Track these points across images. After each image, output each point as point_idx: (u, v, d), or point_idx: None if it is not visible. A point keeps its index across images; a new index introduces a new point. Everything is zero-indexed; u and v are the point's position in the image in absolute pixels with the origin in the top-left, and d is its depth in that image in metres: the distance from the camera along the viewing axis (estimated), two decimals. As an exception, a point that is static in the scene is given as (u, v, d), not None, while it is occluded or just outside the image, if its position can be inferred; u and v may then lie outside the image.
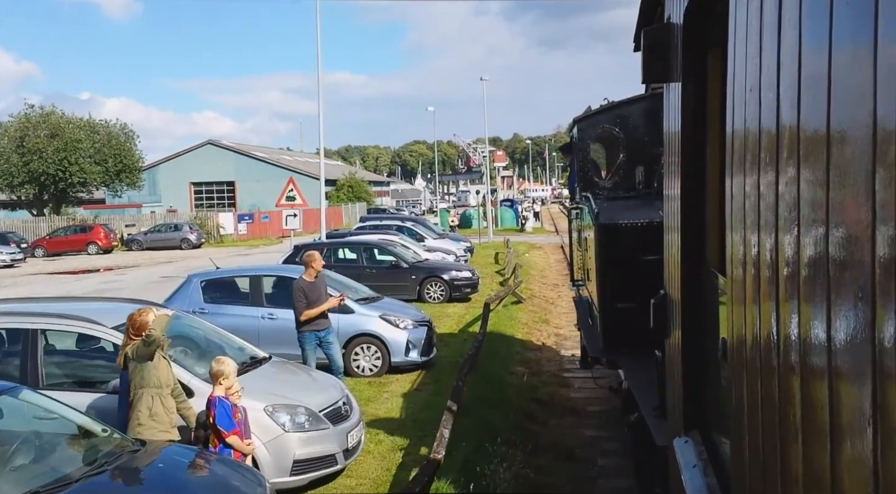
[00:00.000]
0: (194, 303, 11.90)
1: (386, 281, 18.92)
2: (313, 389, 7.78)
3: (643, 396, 5.91)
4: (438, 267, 20.26)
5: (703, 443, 3.53)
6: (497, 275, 26.10)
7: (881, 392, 1.21)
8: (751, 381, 2.24)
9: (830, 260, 1.47)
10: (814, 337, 1.59)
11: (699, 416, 3.67)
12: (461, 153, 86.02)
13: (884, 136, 1.20)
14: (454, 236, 32.99)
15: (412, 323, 12.07)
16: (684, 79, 3.70)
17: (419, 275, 19.49)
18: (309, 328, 9.83)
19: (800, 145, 1.69)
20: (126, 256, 41.05)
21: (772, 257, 1.96)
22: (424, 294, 19.42)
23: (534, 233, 47.96)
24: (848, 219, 1.39)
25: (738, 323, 2.45)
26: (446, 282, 19.46)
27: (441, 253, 24.14)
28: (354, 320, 11.80)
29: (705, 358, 3.54)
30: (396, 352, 11.77)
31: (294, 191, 21.57)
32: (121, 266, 35.63)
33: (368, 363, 11.82)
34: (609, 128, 8.86)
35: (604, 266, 7.51)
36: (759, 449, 2.16)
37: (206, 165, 68.91)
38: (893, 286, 1.15)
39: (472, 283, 19.96)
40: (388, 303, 12.82)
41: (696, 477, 3.28)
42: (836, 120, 1.45)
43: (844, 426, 1.40)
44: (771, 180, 1.96)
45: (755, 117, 2.15)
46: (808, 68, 1.65)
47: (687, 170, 3.69)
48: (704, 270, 3.57)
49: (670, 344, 4.36)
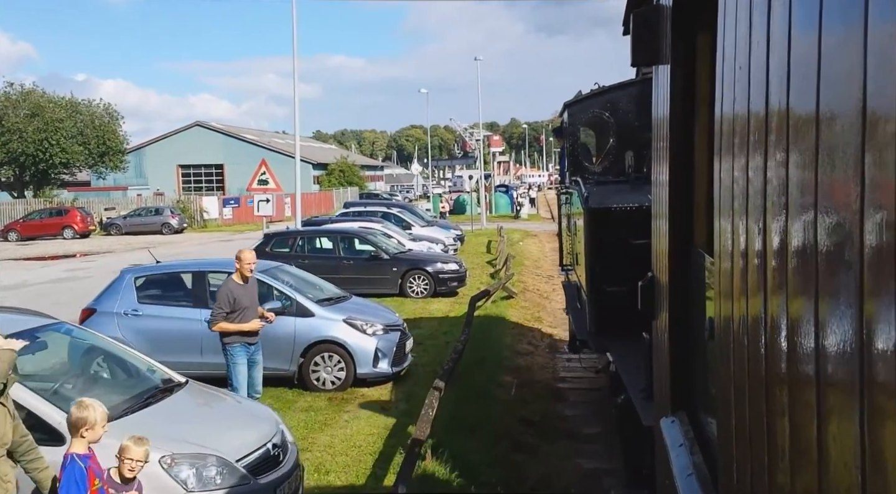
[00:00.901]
0: (127, 304, 10.21)
1: (364, 273, 17.29)
2: (235, 427, 6.05)
3: (630, 378, 5.97)
4: (422, 258, 18.57)
5: (689, 423, 3.56)
6: (488, 266, 24.43)
7: (867, 369, 1.20)
8: (737, 360, 2.26)
9: (818, 241, 1.47)
10: (800, 316, 1.60)
11: (686, 396, 3.71)
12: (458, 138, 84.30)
13: (872, 118, 1.19)
14: (444, 223, 31.13)
15: (382, 328, 10.38)
16: (673, 61, 3.70)
17: (401, 268, 17.81)
18: (238, 339, 8.03)
19: (789, 127, 1.69)
20: (103, 241, 39.43)
21: (759, 237, 1.96)
22: (407, 288, 17.75)
23: (529, 220, 46.20)
24: (835, 200, 1.38)
25: (725, 303, 2.47)
26: (430, 275, 17.78)
27: (427, 243, 22.38)
28: (314, 324, 10.11)
29: (692, 339, 3.58)
30: (363, 362, 10.08)
31: (267, 173, 19.79)
32: (94, 251, 34.02)
33: (330, 375, 10.15)
34: (599, 112, 8.91)
35: (593, 249, 7.53)
36: (745, 428, 2.15)
37: (194, 147, 67.67)
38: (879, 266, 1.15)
39: (458, 276, 18.28)
40: (356, 304, 11.11)
41: (683, 456, 3.33)
42: (825, 102, 1.45)
43: (830, 403, 1.40)
44: (759, 161, 1.97)
45: (744, 98, 2.15)
46: (797, 50, 1.65)
47: (675, 151, 3.69)
48: (692, 251, 3.59)
49: (657, 326, 4.39)
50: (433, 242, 23.53)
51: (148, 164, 67.43)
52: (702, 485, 3.02)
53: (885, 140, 1.15)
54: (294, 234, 18.68)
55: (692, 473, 3.17)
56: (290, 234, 18.78)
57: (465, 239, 29.87)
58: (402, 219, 26.61)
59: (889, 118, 1.14)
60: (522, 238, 33.80)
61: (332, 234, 18.59)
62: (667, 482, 3.62)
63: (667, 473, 3.62)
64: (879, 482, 1.17)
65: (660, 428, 4.02)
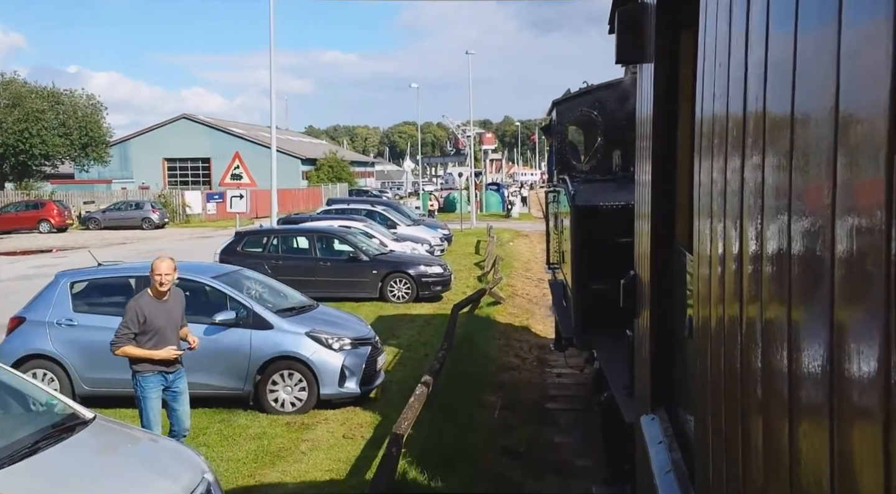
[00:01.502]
0: (60, 313, 9.01)
1: (342, 276, 16.17)
2: (144, 479, 4.84)
3: (614, 376, 6.01)
4: (404, 260, 17.41)
5: (669, 420, 3.59)
6: (476, 268, 23.27)
7: (839, 368, 1.23)
8: (714, 358, 2.29)
9: (792, 240, 1.50)
10: (775, 315, 1.63)
11: (666, 394, 3.73)
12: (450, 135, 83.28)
13: (844, 119, 1.21)
14: (431, 222, 29.82)
15: (350, 342, 9.21)
16: (657, 59, 3.73)
17: (381, 270, 16.66)
18: (150, 367, 6.60)
19: (766, 126, 1.71)
20: (79, 236, 38.05)
21: (736, 236, 1.99)
22: (387, 292, 16.60)
23: (520, 220, 45.03)
24: (809, 200, 1.41)
25: (703, 301, 2.50)
26: (413, 279, 16.64)
27: (412, 243, 21.17)
28: (273, 338, 8.93)
29: (672, 336, 3.61)
30: (327, 382, 8.92)
31: (241, 168, 18.56)
32: (69, 247, 32.67)
33: (290, 395, 8.97)
34: (588, 111, 8.94)
35: (579, 247, 7.59)
36: (721, 424, 2.19)
37: (180, 140, 66.70)
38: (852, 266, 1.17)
39: (443, 280, 17.14)
40: (322, 315, 9.93)
41: (662, 453, 3.35)
42: (799, 102, 1.47)
43: (803, 401, 1.43)
44: (737, 160, 1.99)
45: (723, 97, 2.19)
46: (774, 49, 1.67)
47: (658, 149, 3.71)
48: (674, 249, 3.62)
49: (639, 324, 4.44)
50: (418, 243, 22.34)
51: (133, 157, 66.62)
52: (680, 482, 3.04)
53: (856, 141, 1.17)
54: (267, 233, 17.47)
55: (671, 470, 3.19)
56: (263, 233, 17.58)
57: (452, 239, 28.70)
58: (387, 217, 25.41)
59: (861, 119, 1.15)
60: (512, 238, 32.68)
61: (309, 234, 17.41)
62: (646, 479, 3.63)
63: (646, 470, 3.63)
64: (849, 478, 1.19)
65: (640, 425, 4.04)
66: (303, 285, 16.43)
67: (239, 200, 18.55)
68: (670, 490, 3.05)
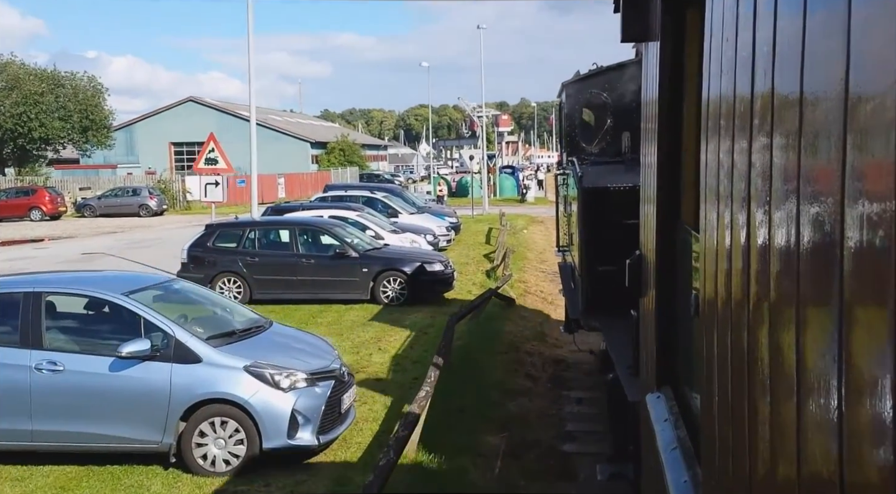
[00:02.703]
0: None
1: (328, 274, 14.08)
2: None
3: (619, 355, 6.06)
4: (399, 256, 15.22)
5: (674, 398, 3.60)
6: (485, 261, 20.98)
7: (846, 346, 1.23)
8: (721, 336, 2.30)
9: (800, 220, 1.49)
10: (782, 294, 1.63)
11: (671, 372, 3.75)
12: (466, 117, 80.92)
13: (854, 98, 1.21)
14: (438, 209, 27.37)
15: (305, 378, 7.02)
16: (662, 38, 3.71)
17: (373, 268, 14.51)
18: None
19: (773, 105, 1.71)
20: (72, 224, 36.48)
21: (744, 215, 1.98)
22: (379, 292, 14.46)
23: (535, 204, 42.50)
24: (817, 179, 1.40)
25: (710, 280, 2.50)
26: (408, 277, 14.42)
27: (412, 235, 18.87)
28: (201, 374, 6.80)
29: (678, 315, 3.62)
30: (272, 432, 6.78)
31: (216, 151, 16.37)
32: (56, 236, 30.95)
33: (223, 450, 6.79)
34: (597, 93, 9.00)
35: (586, 229, 7.65)
36: (727, 402, 2.20)
37: (186, 124, 65.42)
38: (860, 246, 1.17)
39: (444, 278, 14.92)
40: (273, 340, 7.75)
41: (668, 431, 3.36)
42: (808, 81, 1.46)
43: (810, 378, 1.43)
44: (744, 139, 1.98)
45: (730, 74, 2.18)
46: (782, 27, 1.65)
47: (664, 129, 3.70)
48: (679, 227, 3.61)
49: (644, 303, 4.48)
50: (421, 233, 20.03)
51: (139, 142, 65.65)
52: (685, 459, 3.05)
53: (866, 120, 1.17)
54: (243, 226, 15.29)
55: (676, 447, 3.19)
56: (239, 226, 15.40)
57: (461, 227, 26.37)
58: (389, 205, 23.08)
59: (871, 98, 1.15)
60: (527, 225, 30.35)
61: (290, 226, 15.23)
62: (652, 456, 3.66)
63: (652, 448, 3.66)
64: (855, 456, 1.20)
65: (645, 404, 4.05)
66: (283, 285, 14.41)
67: (214, 188, 16.39)
68: (676, 467, 3.06)
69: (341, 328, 12.83)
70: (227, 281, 14.55)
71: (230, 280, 14.55)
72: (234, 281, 14.55)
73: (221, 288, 14.51)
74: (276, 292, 14.56)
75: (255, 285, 14.51)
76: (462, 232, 26.76)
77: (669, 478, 3.06)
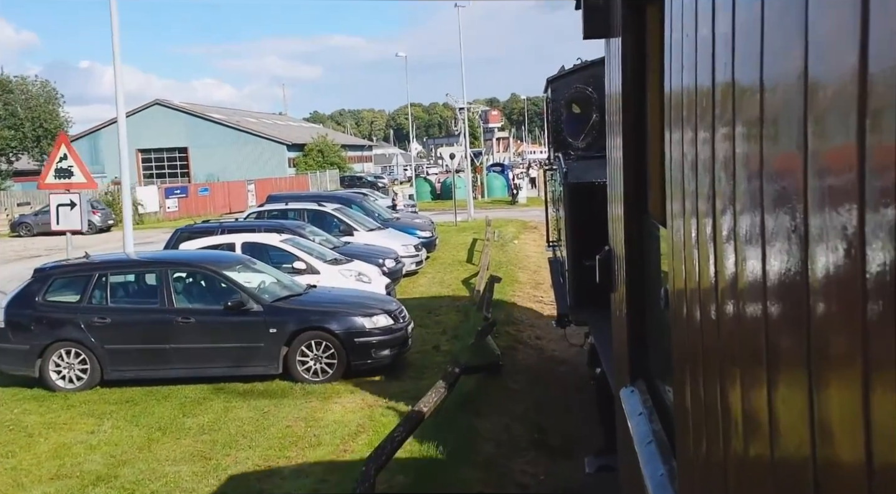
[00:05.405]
0: None
1: (218, 339, 9.46)
2: None
3: (605, 350, 6.09)
4: (324, 307, 10.36)
5: (647, 392, 3.61)
6: (464, 289, 16.12)
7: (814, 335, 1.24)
8: (691, 329, 2.29)
9: (763, 210, 1.50)
10: (748, 284, 1.64)
11: (644, 366, 3.76)
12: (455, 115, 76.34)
13: (812, 86, 1.21)
14: (408, 222, 22.04)
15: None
16: (624, 33, 3.75)
17: (285, 327, 9.79)
18: None
19: (734, 96, 1.71)
20: (3, 245, 31.65)
21: (709, 206, 1.99)
22: (295, 364, 9.65)
23: (528, 206, 37.26)
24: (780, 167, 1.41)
25: (677, 273, 2.52)
26: (338, 339, 9.58)
27: (360, 264, 13.80)
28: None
29: (648, 309, 3.65)
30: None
31: (70, 158, 11.50)
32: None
33: None
34: (582, 88, 9.00)
35: (572, 224, 7.75)
36: (700, 394, 2.20)
37: (154, 129, 61.74)
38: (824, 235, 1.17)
39: (393, 339, 10.04)
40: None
41: (642, 425, 3.36)
42: (768, 71, 1.47)
43: (781, 367, 1.44)
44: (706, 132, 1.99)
45: (691, 68, 2.19)
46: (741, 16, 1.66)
47: (628, 124, 3.75)
48: (646, 222, 3.63)
49: (615, 298, 4.56)
50: (377, 258, 14.98)
51: (104, 149, 61.45)
52: (661, 453, 3.04)
53: (826, 107, 1.17)
54: (90, 269, 10.31)
55: (651, 441, 3.18)
56: (84, 269, 10.39)
57: (436, 242, 21.34)
58: (343, 220, 18.05)
59: (830, 85, 1.15)
60: (518, 233, 25.46)
61: (160, 267, 10.30)
62: (628, 450, 3.67)
63: (627, 442, 3.69)
64: (827, 445, 1.20)
65: (619, 398, 4.05)
66: (150, 358, 9.69)
67: (69, 211, 11.53)
68: (652, 460, 3.05)
69: (214, 440, 8.01)
70: (65, 355, 9.78)
71: (69, 352, 9.78)
72: (74, 353, 9.78)
73: (58, 366, 9.74)
74: (140, 368, 9.82)
75: (108, 359, 9.74)
76: (439, 247, 21.78)
77: (646, 472, 3.02)
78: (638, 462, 3.16)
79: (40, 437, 8.26)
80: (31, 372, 9.87)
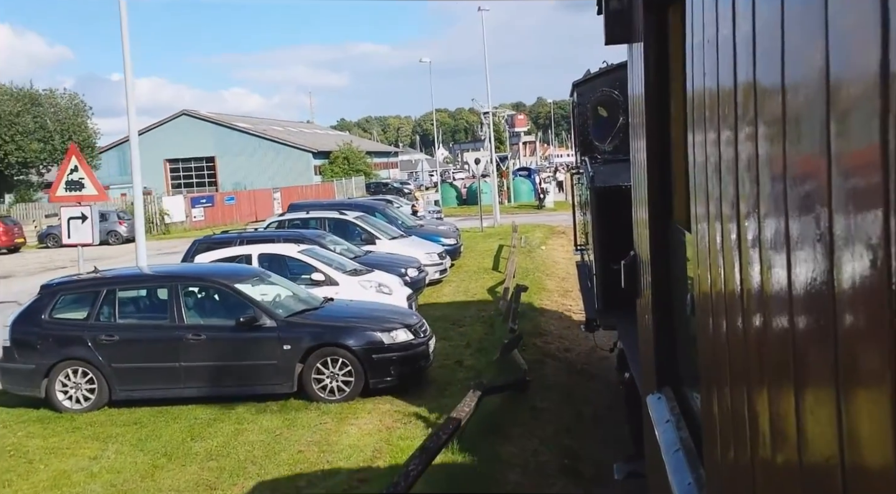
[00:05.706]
0: None
1: (229, 357, 8.98)
2: None
3: (633, 354, 6.11)
4: (341, 322, 9.83)
5: (675, 399, 3.58)
6: (488, 299, 15.56)
7: (842, 342, 1.22)
8: (717, 335, 2.27)
9: (788, 213, 1.48)
10: (774, 290, 1.61)
11: (671, 372, 3.73)
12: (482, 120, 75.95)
13: (835, 87, 1.20)
14: (430, 229, 21.29)
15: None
16: (646, 37, 3.75)
17: (299, 343, 9.32)
18: None
19: (756, 99, 1.71)
20: (26, 257, 31.98)
21: (733, 212, 1.97)
22: (311, 381, 9.17)
23: (555, 211, 36.54)
24: (803, 171, 1.39)
25: (703, 279, 2.50)
26: (356, 357, 9.09)
27: (381, 275, 13.35)
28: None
29: (674, 315, 3.62)
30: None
31: (81, 170, 11.21)
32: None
33: None
34: (608, 91, 9.15)
35: (599, 228, 7.82)
36: (727, 401, 2.18)
37: (182, 139, 62.15)
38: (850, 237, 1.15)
39: (414, 354, 9.50)
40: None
41: (670, 432, 3.32)
42: (789, 72, 1.46)
43: (809, 374, 1.42)
44: (730, 135, 1.96)
45: (713, 71, 2.18)
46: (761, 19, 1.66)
47: (651, 129, 3.73)
48: (671, 228, 3.62)
49: (641, 304, 4.54)
50: (399, 267, 14.52)
51: None
52: (689, 461, 3.00)
53: (848, 108, 1.15)
54: (98, 284, 9.95)
55: (679, 448, 3.15)
56: (92, 285, 10.05)
57: (461, 249, 20.81)
58: (364, 228, 17.62)
59: (851, 85, 1.13)
60: (545, 239, 24.81)
61: (171, 281, 9.93)
62: (655, 457, 3.63)
63: (654, 449, 3.66)
64: (855, 454, 1.18)
65: (646, 405, 4.03)
66: (160, 377, 9.24)
67: (80, 224, 11.24)
68: (679, 468, 3.01)
69: (222, 467, 7.53)
70: (72, 375, 9.41)
71: (76, 371, 9.40)
72: (82, 372, 9.40)
73: (64, 386, 9.37)
74: (149, 388, 9.39)
75: (116, 378, 9.35)
76: (464, 254, 21.23)
77: (673, 481, 3.01)
78: (665, 470, 3.15)
79: (40, 463, 7.86)
80: (38, 393, 9.49)
